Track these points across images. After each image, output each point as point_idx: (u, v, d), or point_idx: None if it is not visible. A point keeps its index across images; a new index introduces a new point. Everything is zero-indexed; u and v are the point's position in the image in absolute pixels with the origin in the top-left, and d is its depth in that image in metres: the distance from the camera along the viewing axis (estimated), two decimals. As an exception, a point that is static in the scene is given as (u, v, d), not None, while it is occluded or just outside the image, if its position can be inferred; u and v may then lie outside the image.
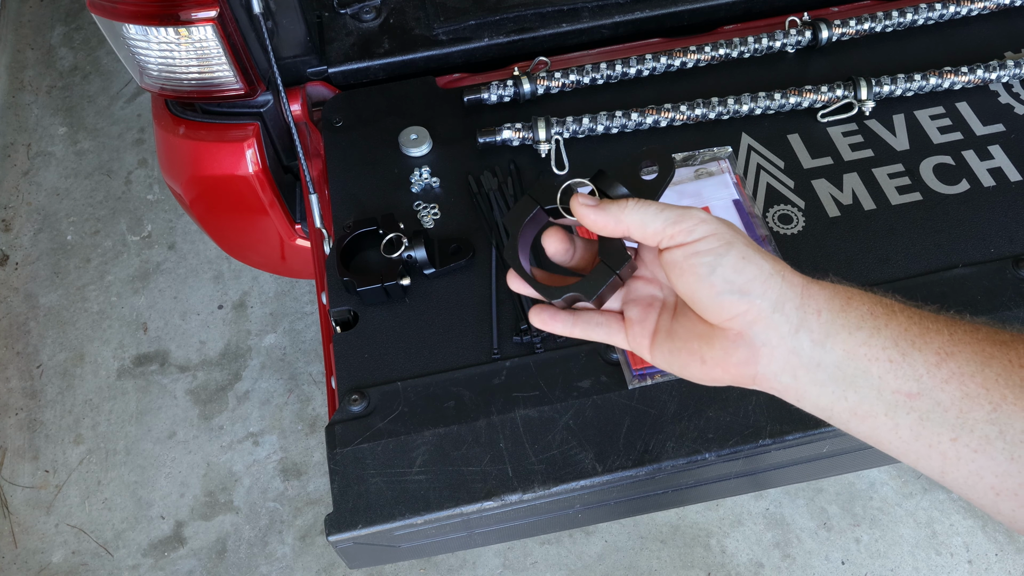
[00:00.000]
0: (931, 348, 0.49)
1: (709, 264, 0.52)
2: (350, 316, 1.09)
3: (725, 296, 0.52)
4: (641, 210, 0.55)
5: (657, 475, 0.94)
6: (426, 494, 0.92)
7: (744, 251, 0.53)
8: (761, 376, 0.54)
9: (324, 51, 1.36)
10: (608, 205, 0.56)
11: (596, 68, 1.29)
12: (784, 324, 0.52)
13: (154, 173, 2.45)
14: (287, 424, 1.96)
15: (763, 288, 0.52)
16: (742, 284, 0.52)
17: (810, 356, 0.52)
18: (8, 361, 2.11)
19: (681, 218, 0.54)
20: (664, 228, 0.54)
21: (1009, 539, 1.72)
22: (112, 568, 1.80)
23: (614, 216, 0.56)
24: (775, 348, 0.52)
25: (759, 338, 0.52)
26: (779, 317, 0.52)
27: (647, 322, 0.59)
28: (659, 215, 0.54)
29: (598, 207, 0.56)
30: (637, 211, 0.55)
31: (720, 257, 0.52)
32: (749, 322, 0.52)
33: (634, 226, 0.55)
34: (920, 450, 0.50)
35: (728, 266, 0.52)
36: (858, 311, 0.52)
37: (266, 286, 2.19)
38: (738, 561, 1.72)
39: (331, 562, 1.77)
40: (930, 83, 1.24)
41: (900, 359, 0.50)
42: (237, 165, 1.28)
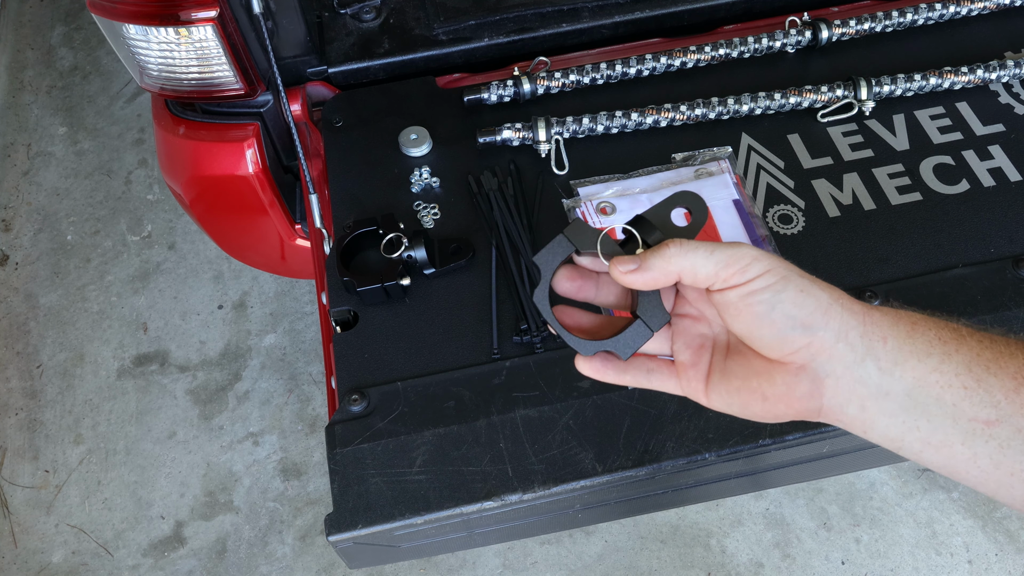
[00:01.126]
0: (1007, 373, 0.48)
1: (768, 302, 0.51)
2: (350, 316, 1.09)
3: (787, 332, 0.51)
4: (689, 255, 0.52)
5: (657, 475, 0.94)
6: (426, 494, 0.92)
7: (801, 283, 0.51)
8: (827, 408, 0.52)
9: (324, 51, 1.36)
10: (649, 260, 0.53)
11: (596, 68, 1.29)
12: (849, 353, 0.50)
13: (154, 173, 2.45)
14: (287, 424, 1.96)
15: (825, 319, 0.50)
16: (804, 318, 0.50)
17: (877, 385, 0.50)
18: (8, 361, 2.11)
19: (733, 259, 0.51)
20: (717, 272, 0.52)
21: (1009, 539, 1.72)
22: (112, 568, 1.80)
23: (661, 270, 0.53)
24: (840, 379, 0.51)
25: (823, 369, 0.51)
26: (843, 347, 0.50)
27: (700, 365, 0.57)
28: (710, 258, 0.52)
29: (640, 268, 0.53)
30: (685, 256, 0.52)
31: (778, 293, 0.51)
32: (812, 354, 0.51)
33: (685, 273, 0.53)
34: (1001, 479, 0.48)
35: (788, 301, 0.50)
36: (925, 336, 0.50)
37: (266, 286, 2.19)
38: (738, 561, 1.72)
39: (331, 562, 1.77)
40: (930, 83, 1.24)
41: (975, 385, 0.48)
42: (237, 165, 1.28)
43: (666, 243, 0.53)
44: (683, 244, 0.53)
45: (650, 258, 0.53)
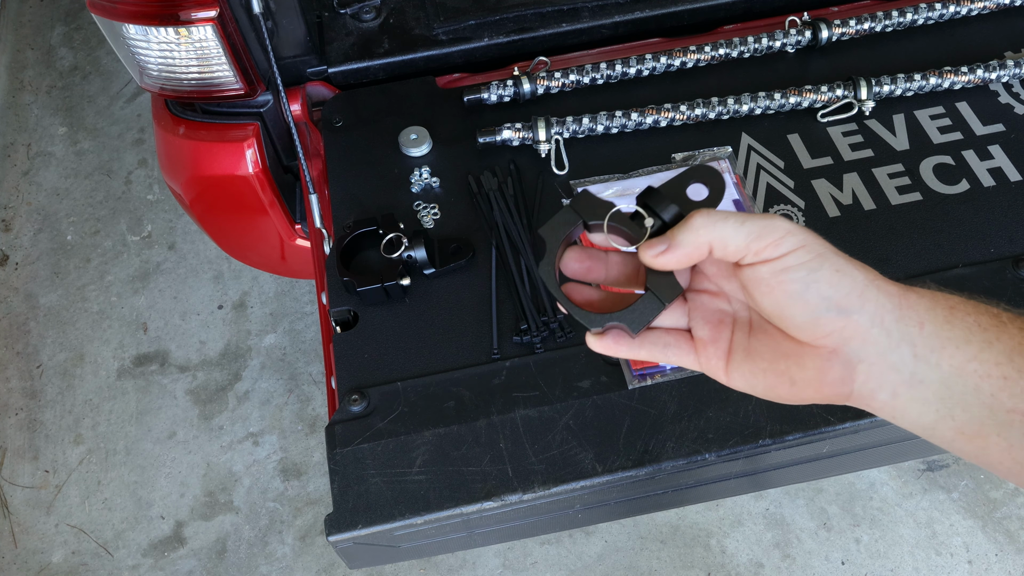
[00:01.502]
0: None
1: (802, 280, 0.48)
2: (350, 316, 1.09)
3: (821, 314, 0.48)
4: (718, 225, 0.49)
5: (657, 475, 0.94)
6: (426, 494, 0.92)
7: (837, 262, 0.48)
8: (857, 395, 0.50)
9: (324, 51, 1.36)
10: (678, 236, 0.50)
11: (596, 68, 1.29)
12: (883, 339, 0.48)
13: (154, 173, 2.45)
14: (287, 424, 1.96)
15: (860, 302, 0.48)
16: (839, 300, 0.47)
17: (912, 372, 0.48)
18: (8, 361, 2.11)
19: (766, 231, 0.48)
20: (748, 244, 0.48)
21: (1009, 539, 1.72)
22: (112, 568, 1.80)
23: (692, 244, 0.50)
24: (873, 365, 0.48)
25: (856, 355, 0.48)
26: (878, 331, 0.48)
27: (720, 342, 0.54)
28: (740, 229, 0.48)
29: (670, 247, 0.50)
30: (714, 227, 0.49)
31: (814, 272, 0.47)
32: (846, 338, 0.48)
33: (715, 244, 0.49)
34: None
35: (823, 281, 0.47)
36: (964, 322, 0.48)
37: (266, 286, 2.19)
38: (738, 561, 1.72)
39: (331, 562, 1.77)
40: (930, 83, 1.24)
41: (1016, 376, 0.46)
42: (237, 165, 1.28)
43: (692, 215, 0.50)
44: (710, 214, 0.49)
45: (679, 234, 0.50)
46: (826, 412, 0.95)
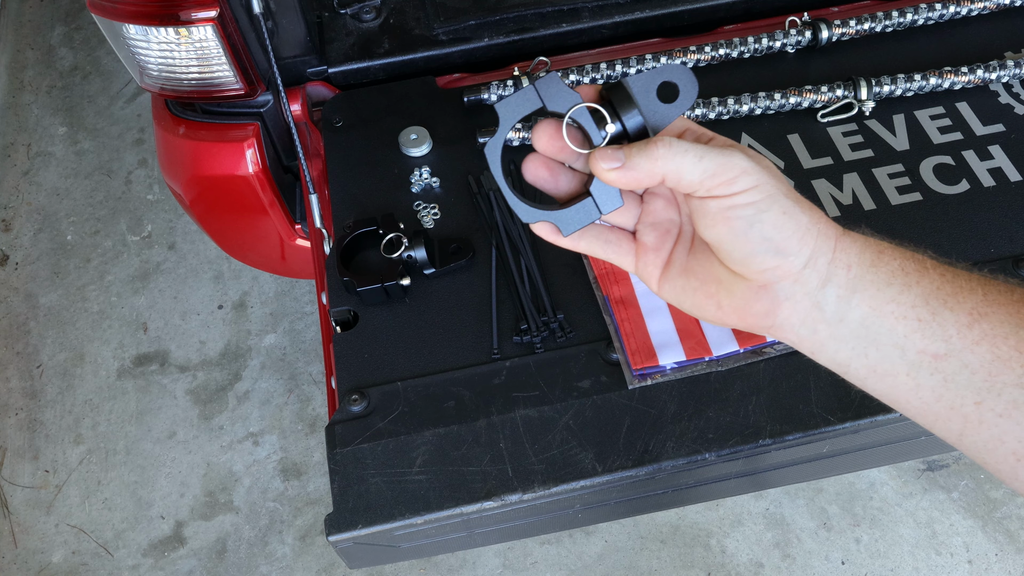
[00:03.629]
0: (964, 308, 0.47)
1: (748, 219, 0.48)
2: (350, 316, 1.09)
3: (760, 253, 0.49)
4: (677, 158, 0.48)
5: (657, 475, 0.94)
6: (426, 494, 0.92)
7: (786, 205, 0.49)
8: (778, 327, 0.51)
9: (324, 51, 1.36)
10: (635, 158, 0.49)
11: (596, 68, 1.29)
12: (814, 279, 0.49)
13: (154, 173, 2.45)
14: (287, 424, 1.96)
15: (799, 245, 0.49)
16: (780, 242, 0.49)
17: (834, 311, 0.49)
18: (8, 361, 2.11)
19: (722, 168, 0.48)
20: (703, 180, 0.48)
21: (1009, 539, 1.72)
22: (112, 568, 1.80)
23: (646, 171, 0.49)
24: (798, 303, 0.50)
25: (784, 292, 0.50)
26: (809, 272, 0.49)
27: (661, 252, 0.54)
28: (698, 164, 0.48)
29: (624, 166, 0.49)
30: (672, 159, 0.48)
31: (761, 212, 0.48)
32: (778, 277, 0.49)
33: (669, 176, 0.49)
34: (940, 412, 0.48)
35: (768, 223, 0.48)
36: (888, 266, 0.50)
37: (266, 286, 2.19)
38: (738, 561, 1.73)
39: (331, 562, 1.78)
40: (930, 83, 1.24)
41: (930, 318, 0.48)
42: (237, 165, 1.28)
43: (654, 141, 0.49)
44: (672, 145, 0.49)
45: (636, 156, 0.49)
46: (826, 412, 0.95)
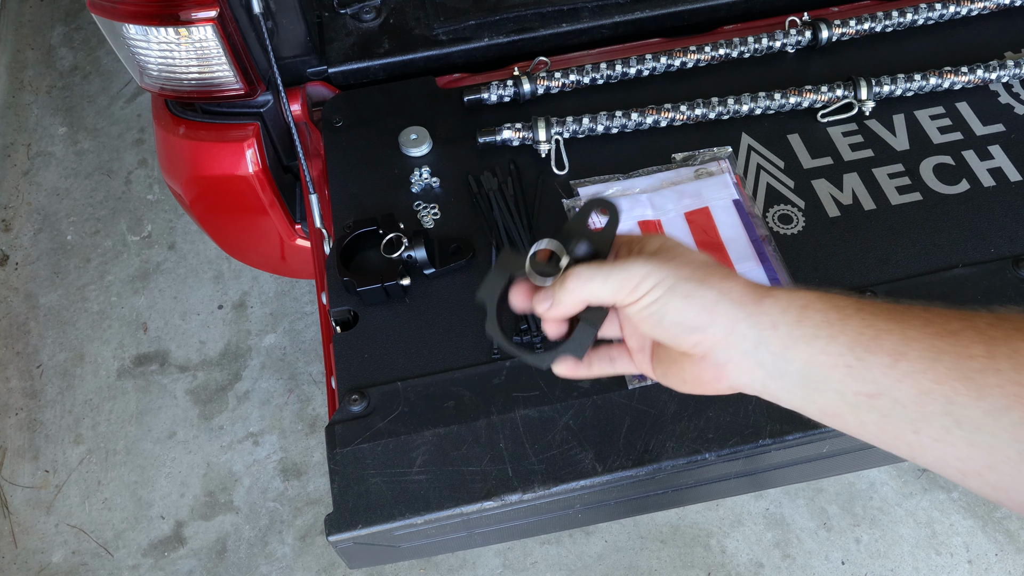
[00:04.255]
0: (884, 350, 0.51)
1: (657, 314, 0.56)
2: (350, 316, 1.09)
3: (678, 335, 0.57)
4: (587, 284, 0.58)
5: (657, 475, 0.94)
6: (426, 494, 0.92)
7: (686, 289, 0.56)
8: (735, 386, 0.58)
9: (324, 51, 1.36)
10: (557, 295, 0.59)
11: (596, 68, 1.29)
12: (743, 342, 0.55)
13: (154, 173, 2.45)
14: (287, 424, 1.96)
15: (710, 318, 0.55)
16: (690, 322, 0.56)
17: (774, 367, 0.55)
18: (8, 361, 2.11)
19: (625, 280, 0.57)
20: (614, 294, 0.57)
21: (1009, 539, 1.72)
22: (112, 568, 1.80)
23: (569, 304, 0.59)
24: (739, 363, 0.56)
25: (721, 357, 0.56)
26: (735, 338, 0.55)
27: (645, 349, 0.64)
28: (605, 284, 0.57)
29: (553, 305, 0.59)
30: (584, 287, 0.58)
31: (664, 305, 0.56)
32: (708, 347, 0.56)
33: (590, 299, 0.59)
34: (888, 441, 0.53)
35: (673, 310, 0.56)
36: (812, 320, 0.54)
37: (266, 286, 2.19)
38: (738, 561, 1.72)
39: (331, 562, 1.77)
40: (930, 83, 1.24)
41: (857, 364, 0.52)
42: (237, 165, 1.28)
43: (567, 275, 0.59)
44: (580, 274, 0.58)
45: (558, 293, 0.59)
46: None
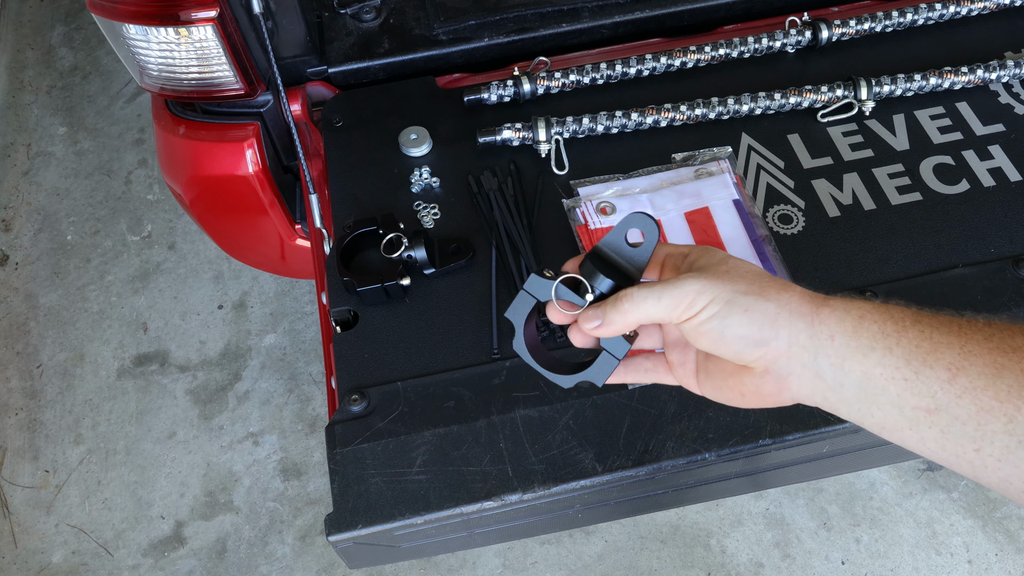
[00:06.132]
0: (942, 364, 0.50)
1: (717, 328, 0.56)
2: (350, 316, 1.09)
3: (741, 349, 0.56)
4: (640, 305, 0.57)
5: (657, 475, 0.94)
6: (426, 494, 0.92)
7: (745, 303, 0.55)
8: (797, 398, 0.58)
9: (324, 51, 1.36)
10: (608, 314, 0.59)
11: (596, 68, 1.29)
12: (803, 354, 0.55)
13: (154, 173, 2.45)
14: (287, 424, 1.96)
15: (773, 331, 0.55)
16: (753, 335, 0.55)
17: (833, 378, 0.54)
18: (8, 361, 2.11)
19: (678, 298, 0.56)
20: (668, 313, 0.57)
21: (1009, 539, 1.72)
22: (112, 568, 1.80)
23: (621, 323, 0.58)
24: (800, 375, 0.56)
25: (783, 370, 0.56)
26: (796, 350, 0.55)
27: (688, 363, 0.63)
28: (659, 304, 0.57)
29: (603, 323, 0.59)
30: (638, 308, 0.58)
31: (724, 319, 0.55)
32: (770, 360, 0.56)
33: (642, 320, 0.58)
34: (949, 459, 0.52)
35: (735, 324, 0.55)
36: (869, 331, 0.53)
37: (266, 286, 2.19)
38: (738, 561, 1.72)
39: (331, 562, 1.77)
40: (930, 83, 1.24)
41: (914, 377, 0.51)
42: (237, 165, 1.28)
43: (620, 296, 0.58)
44: (634, 296, 0.58)
45: (609, 312, 0.59)
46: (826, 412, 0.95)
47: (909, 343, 0.52)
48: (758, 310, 0.55)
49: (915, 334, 0.52)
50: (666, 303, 0.57)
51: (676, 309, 0.56)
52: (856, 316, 0.54)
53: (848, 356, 0.53)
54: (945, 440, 0.51)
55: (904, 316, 0.53)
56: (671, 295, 0.56)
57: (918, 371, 0.51)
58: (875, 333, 0.53)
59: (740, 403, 0.60)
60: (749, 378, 0.58)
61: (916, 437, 0.52)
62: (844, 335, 0.54)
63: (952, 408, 0.50)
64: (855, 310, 0.54)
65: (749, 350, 0.56)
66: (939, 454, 0.52)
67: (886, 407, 0.53)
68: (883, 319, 0.53)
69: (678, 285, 0.57)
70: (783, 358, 0.55)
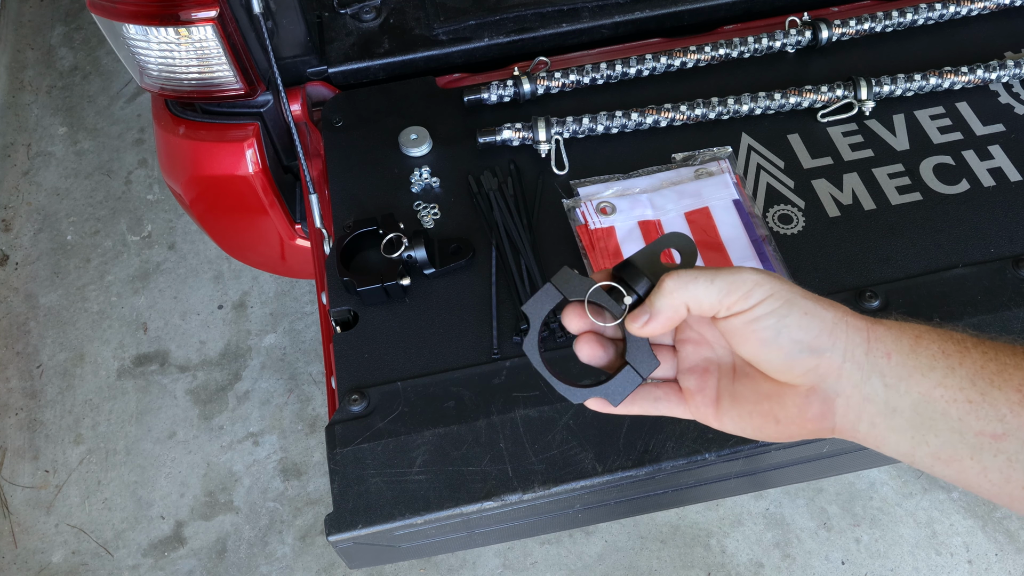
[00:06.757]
0: (1011, 385, 0.47)
1: (773, 327, 0.50)
2: (350, 316, 1.09)
3: (795, 356, 0.50)
4: (690, 286, 0.51)
5: (657, 475, 0.94)
6: (426, 494, 0.92)
7: (805, 305, 0.51)
8: (839, 428, 0.52)
9: (324, 51, 1.36)
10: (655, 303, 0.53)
11: (596, 68, 1.29)
12: (856, 372, 0.50)
13: (154, 173, 2.45)
14: (287, 424, 1.96)
15: (831, 340, 0.50)
16: (810, 341, 0.50)
17: (885, 402, 0.50)
18: (8, 361, 2.11)
19: (735, 285, 0.51)
20: (720, 299, 0.51)
21: (1009, 539, 1.72)
22: (112, 568, 1.80)
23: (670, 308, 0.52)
24: (849, 397, 0.50)
25: (832, 389, 0.51)
26: (850, 366, 0.50)
27: (707, 390, 0.56)
28: (711, 287, 0.51)
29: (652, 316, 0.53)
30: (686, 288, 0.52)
31: (783, 318, 0.50)
32: (821, 376, 0.51)
33: (691, 304, 0.52)
34: (1014, 492, 0.48)
35: (793, 326, 0.50)
36: (928, 350, 0.49)
37: (266, 286, 2.19)
38: (738, 561, 1.72)
39: (331, 562, 1.77)
40: (930, 83, 1.24)
41: (980, 399, 0.47)
42: (237, 165, 1.28)
43: (663, 278, 0.52)
44: (680, 275, 0.52)
45: (656, 301, 0.53)
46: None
47: (973, 363, 0.48)
48: (818, 315, 0.50)
49: (979, 355, 0.48)
50: (719, 286, 0.50)
51: (731, 296, 0.50)
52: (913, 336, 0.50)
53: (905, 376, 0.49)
54: (1012, 471, 0.46)
55: (964, 338, 0.50)
56: (726, 279, 0.51)
57: (985, 392, 0.47)
58: (935, 352, 0.49)
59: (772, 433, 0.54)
60: (792, 398, 0.52)
61: (977, 467, 0.48)
62: (901, 353, 0.49)
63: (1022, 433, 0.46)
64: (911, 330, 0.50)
65: (803, 358, 0.50)
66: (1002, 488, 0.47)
67: (945, 433, 0.48)
68: (943, 339, 0.50)
69: (735, 272, 0.51)
70: (834, 374, 0.50)
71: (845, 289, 1.06)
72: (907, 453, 0.50)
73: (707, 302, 0.51)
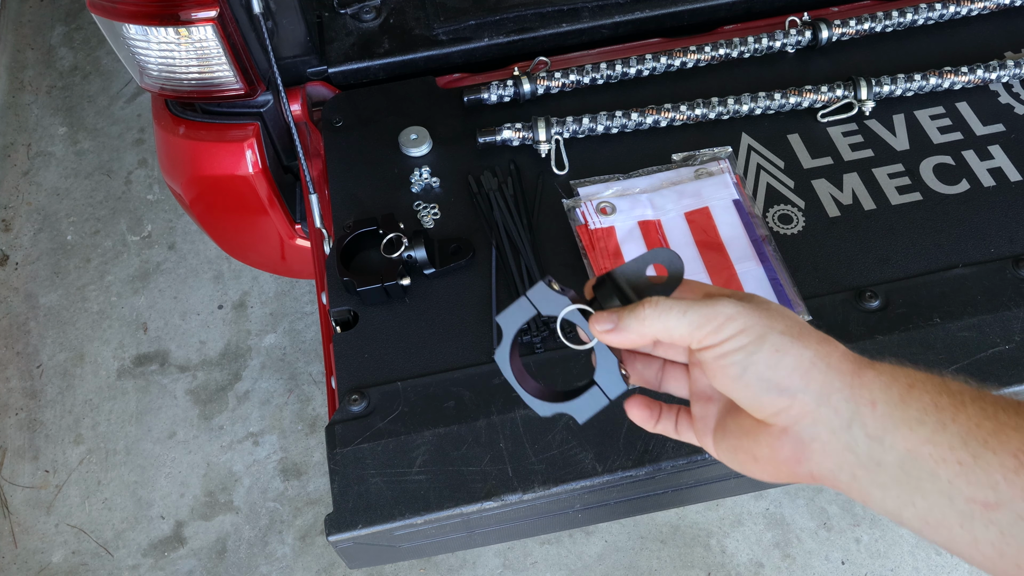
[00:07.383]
0: (1007, 450, 0.42)
1: (740, 364, 0.48)
2: (350, 316, 1.09)
3: (762, 395, 0.48)
4: (663, 316, 0.50)
5: (657, 475, 0.94)
6: (426, 494, 0.92)
7: (779, 341, 0.47)
8: (818, 474, 0.48)
9: (324, 51, 1.36)
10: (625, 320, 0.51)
11: (596, 68, 1.29)
12: (834, 417, 0.46)
13: (154, 173, 2.45)
14: (287, 424, 1.96)
15: (804, 380, 0.47)
16: (779, 380, 0.47)
17: (867, 454, 0.46)
18: (8, 361, 2.11)
19: (707, 318, 0.49)
20: (691, 332, 0.49)
21: (1009, 539, 1.72)
22: (112, 568, 1.80)
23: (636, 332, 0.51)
24: (827, 443, 0.47)
25: (806, 433, 0.47)
26: (826, 410, 0.46)
27: (708, 418, 0.55)
28: (683, 319, 0.49)
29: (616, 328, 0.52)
30: (659, 318, 0.50)
31: (751, 355, 0.47)
32: (794, 418, 0.47)
33: (660, 334, 0.50)
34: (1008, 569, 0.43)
35: (761, 363, 0.47)
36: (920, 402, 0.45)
37: (266, 286, 2.19)
38: (738, 561, 1.72)
39: (331, 562, 1.77)
40: (930, 83, 1.24)
41: (971, 462, 0.42)
42: (237, 165, 1.28)
43: (642, 303, 0.51)
44: (658, 304, 0.50)
45: (626, 318, 0.51)
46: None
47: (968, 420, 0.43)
48: (792, 353, 0.47)
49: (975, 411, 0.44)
50: (691, 319, 0.49)
51: (701, 329, 0.49)
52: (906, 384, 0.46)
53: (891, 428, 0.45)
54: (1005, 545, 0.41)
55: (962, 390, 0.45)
56: (699, 312, 0.49)
57: (977, 455, 0.42)
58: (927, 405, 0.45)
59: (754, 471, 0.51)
60: (765, 437, 0.49)
61: (968, 537, 0.43)
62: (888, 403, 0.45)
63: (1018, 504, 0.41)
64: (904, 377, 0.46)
65: (769, 397, 0.47)
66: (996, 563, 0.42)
67: (932, 495, 0.43)
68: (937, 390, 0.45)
69: (709, 304, 0.49)
70: (808, 418, 0.47)
71: (845, 289, 1.06)
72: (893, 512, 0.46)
73: (678, 334, 0.50)
